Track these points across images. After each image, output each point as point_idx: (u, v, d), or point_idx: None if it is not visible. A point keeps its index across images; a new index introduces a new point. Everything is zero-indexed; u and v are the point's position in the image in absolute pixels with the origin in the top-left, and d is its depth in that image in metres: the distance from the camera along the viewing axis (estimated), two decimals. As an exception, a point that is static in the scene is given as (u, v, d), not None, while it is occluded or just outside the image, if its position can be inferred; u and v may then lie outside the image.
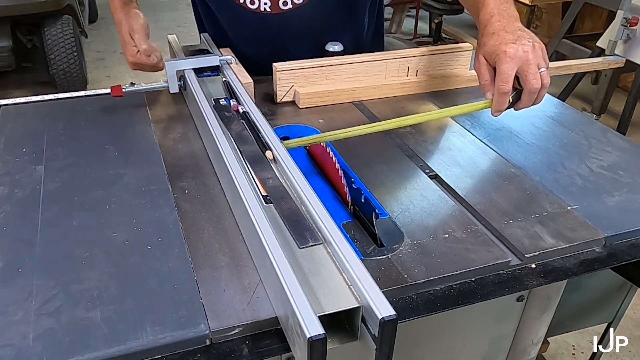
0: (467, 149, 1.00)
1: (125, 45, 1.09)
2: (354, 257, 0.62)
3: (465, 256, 0.73)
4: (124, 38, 1.09)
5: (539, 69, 0.87)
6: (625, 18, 2.48)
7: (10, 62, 3.35)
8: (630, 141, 1.04)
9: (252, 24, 1.23)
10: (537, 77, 0.87)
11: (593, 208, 0.84)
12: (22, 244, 0.73)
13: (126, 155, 0.94)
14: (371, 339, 0.56)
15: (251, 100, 0.98)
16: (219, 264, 0.71)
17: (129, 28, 1.08)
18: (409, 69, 1.23)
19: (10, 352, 0.58)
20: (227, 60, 1.11)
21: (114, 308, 0.63)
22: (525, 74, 0.86)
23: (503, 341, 0.95)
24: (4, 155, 0.94)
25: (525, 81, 0.87)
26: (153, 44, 1.07)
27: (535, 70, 0.87)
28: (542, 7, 4.30)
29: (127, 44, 1.08)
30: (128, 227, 0.77)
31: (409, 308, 0.68)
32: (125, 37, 1.08)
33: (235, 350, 0.61)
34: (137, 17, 1.10)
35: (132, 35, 1.08)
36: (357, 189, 0.80)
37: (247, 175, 0.77)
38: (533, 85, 0.87)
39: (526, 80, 0.87)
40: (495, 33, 0.90)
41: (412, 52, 1.21)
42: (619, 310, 1.13)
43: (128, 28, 1.08)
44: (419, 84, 1.22)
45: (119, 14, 1.11)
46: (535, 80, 0.87)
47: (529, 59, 0.86)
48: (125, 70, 4.21)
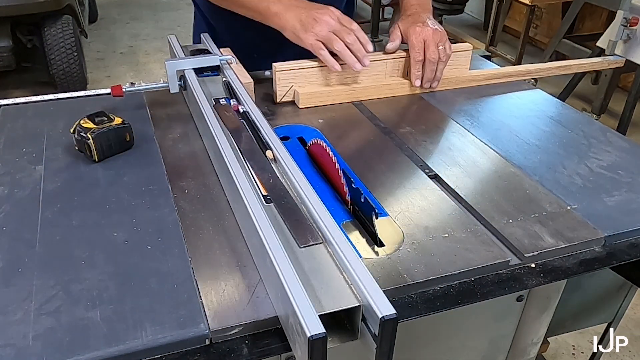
0: (467, 149, 1.00)
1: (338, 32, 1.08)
2: (354, 257, 0.62)
3: (465, 256, 0.73)
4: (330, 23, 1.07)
5: (437, 46, 1.15)
6: (625, 18, 2.48)
7: (10, 62, 3.35)
8: (630, 141, 1.04)
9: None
10: (435, 51, 1.15)
11: (593, 208, 0.84)
12: (22, 244, 0.73)
13: (126, 155, 0.94)
14: (371, 338, 0.56)
15: (251, 100, 0.98)
16: (219, 264, 0.71)
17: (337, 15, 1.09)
18: (408, 69, 1.23)
19: (10, 352, 0.58)
20: (227, 60, 1.11)
21: (113, 308, 0.63)
22: (427, 47, 1.15)
23: (503, 341, 0.95)
24: (4, 155, 0.94)
25: (426, 52, 1.15)
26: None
27: (435, 45, 1.15)
28: (542, 7, 4.31)
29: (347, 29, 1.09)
30: (128, 227, 0.77)
31: (409, 308, 0.68)
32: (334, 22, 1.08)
33: (235, 349, 0.61)
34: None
35: (343, 22, 1.09)
36: (356, 189, 0.80)
37: (247, 175, 0.77)
38: (431, 55, 1.15)
39: (427, 51, 1.15)
40: (411, 16, 1.20)
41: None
42: (619, 310, 1.13)
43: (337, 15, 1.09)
44: (418, 83, 1.22)
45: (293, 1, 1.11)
46: (434, 52, 1.15)
47: (429, 36, 1.15)
48: (125, 70, 4.22)
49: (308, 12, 1.09)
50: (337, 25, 1.08)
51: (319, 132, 1.05)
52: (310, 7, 1.11)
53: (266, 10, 1.12)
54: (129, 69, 4.26)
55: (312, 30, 1.07)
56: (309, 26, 1.08)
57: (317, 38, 1.08)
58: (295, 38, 1.10)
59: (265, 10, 1.12)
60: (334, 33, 1.08)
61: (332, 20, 1.08)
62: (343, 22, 1.10)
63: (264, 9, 1.12)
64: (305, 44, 1.09)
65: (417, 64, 1.17)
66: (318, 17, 1.08)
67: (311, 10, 1.09)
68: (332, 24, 1.08)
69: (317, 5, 1.12)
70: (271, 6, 1.11)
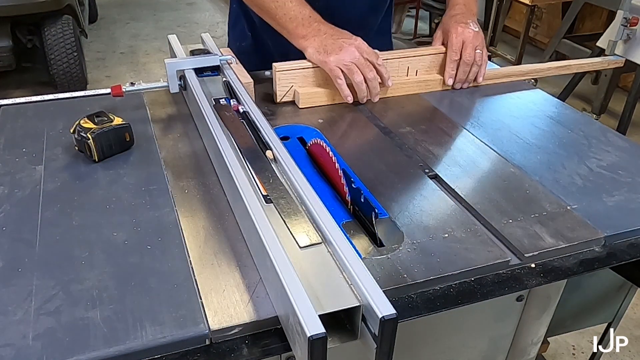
0: (467, 149, 1.00)
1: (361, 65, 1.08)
2: (355, 257, 0.62)
3: (465, 256, 0.73)
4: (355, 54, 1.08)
5: (475, 50, 1.17)
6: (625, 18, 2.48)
7: (10, 62, 3.35)
8: (630, 141, 1.04)
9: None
10: (472, 53, 1.17)
11: (593, 208, 0.84)
12: (22, 244, 0.73)
13: (126, 155, 0.94)
14: (371, 338, 0.56)
15: (251, 100, 0.98)
16: (219, 264, 0.71)
17: (364, 48, 1.09)
18: (408, 69, 1.23)
19: (10, 352, 0.58)
20: (227, 60, 1.11)
21: (113, 308, 0.63)
22: (465, 48, 1.17)
23: (503, 341, 0.95)
24: (4, 155, 0.94)
25: (463, 53, 1.17)
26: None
27: (472, 48, 1.17)
28: (542, 7, 4.31)
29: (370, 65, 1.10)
30: (128, 227, 0.77)
31: (409, 308, 0.68)
32: (358, 54, 1.08)
33: (235, 349, 0.61)
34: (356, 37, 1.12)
35: (367, 56, 1.09)
36: (356, 189, 0.80)
37: (247, 175, 0.77)
38: (466, 58, 1.17)
39: (463, 53, 1.17)
40: (454, 17, 1.22)
41: (412, 52, 1.22)
42: (619, 310, 1.13)
43: (364, 47, 1.09)
44: (418, 84, 1.22)
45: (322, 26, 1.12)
46: (470, 55, 1.17)
47: (469, 38, 1.17)
48: (125, 70, 4.22)
49: (335, 40, 1.10)
50: (360, 59, 1.09)
51: (319, 132, 1.05)
52: (339, 35, 1.11)
53: (294, 30, 1.13)
54: (129, 69, 4.26)
55: (335, 55, 1.08)
56: (333, 52, 1.08)
57: (337, 65, 1.08)
58: (316, 59, 1.11)
59: (293, 30, 1.13)
60: (356, 65, 1.08)
61: (357, 51, 1.08)
62: (368, 56, 1.10)
63: (292, 28, 1.13)
64: (325, 67, 1.10)
65: (452, 63, 1.19)
66: (344, 46, 1.09)
67: (339, 39, 1.10)
68: (356, 56, 1.08)
69: (346, 33, 1.12)
70: (300, 28, 1.12)
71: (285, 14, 1.12)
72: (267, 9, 1.15)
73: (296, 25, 1.12)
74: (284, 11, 1.12)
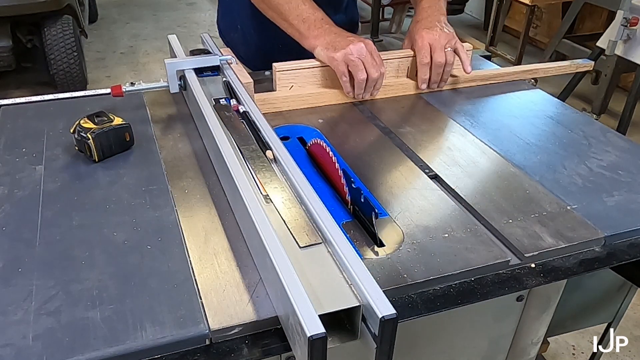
0: (467, 149, 1.00)
1: (368, 63, 1.09)
2: (355, 257, 0.62)
3: (465, 256, 0.73)
4: (362, 51, 1.08)
5: (444, 49, 1.15)
6: (625, 18, 2.48)
7: (10, 62, 3.35)
8: (630, 141, 1.04)
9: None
10: (442, 54, 1.15)
11: (593, 208, 0.84)
12: (22, 244, 0.73)
13: (126, 155, 0.94)
14: (371, 338, 0.56)
15: (251, 100, 0.98)
16: (219, 264, 0.71)
17: (372, 49, 1.10)
18: (408, 69, 1.23)
19: (10, 352, 0.58)
20: (227, 60, 1.11)
21: (113, 308, 0.63)
22: (434, 50, 1.15)
23: (503, 341, 0.95)
24: (4, 155, 0.94)
25: (433, 55, 1.16)
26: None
27: (441, 48, 1.15)
28: (542, 7, 4.31)
29: (377, 65, 1.10)
30: (128, 227, 0.77)
31: (409, 307, 0.68)
32: (365, 52, 1.09)
33: (235, 349, 0.61)
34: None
35: (374, 56, 1.10)
36: (356, 189, 0.80)
37: (247, 175, 0.77)
38: (437, 60, 1.16)
39: (433, 55, 1.16)
40: (418, 23, 1.21)
41: (412, 52, 1.21)
42: (619, 310, 1.13)
43: (371, 48, 1.10)
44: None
45: (333, 27, 1.13)
46: (440, 56, 1.15)
47: (435, 40, 1.16)
48: (125, 70, 4.22)
49: (344, 38, 1.11)
50: (368, 56, 1.09)
51: (319, 132, 1.05)
52: (349, 34, 1.13)
53: (306, 31, 1.14)
54: (129, 69, 4.25)
55: (342, 50, 1.08)
56: (341, 47, 1.09)
57: (344, 59, 1.09)
58: (324, 55, 1.12)
59: (305, 31, 1.14)
60: (363, 61, 1.09)
61: (365, 48, 1.09)
62: (374, 57, 1.11)
63: (304, 30, 1.14)
64: (332, 63, 1.11)
65: (423, 67, 1.18)
66: (353, 41, 1.09)
67: (348, 37, 1.11)
68: (363, 53, 1.09)
69: (356, 36, 1.14)
70: (312, 29, 1.13)
71: (298, 15, 1.14)
72: (280, 11, 1.16)
73: (308, 27, 1.14)
74: (297, 12, 1.14)
